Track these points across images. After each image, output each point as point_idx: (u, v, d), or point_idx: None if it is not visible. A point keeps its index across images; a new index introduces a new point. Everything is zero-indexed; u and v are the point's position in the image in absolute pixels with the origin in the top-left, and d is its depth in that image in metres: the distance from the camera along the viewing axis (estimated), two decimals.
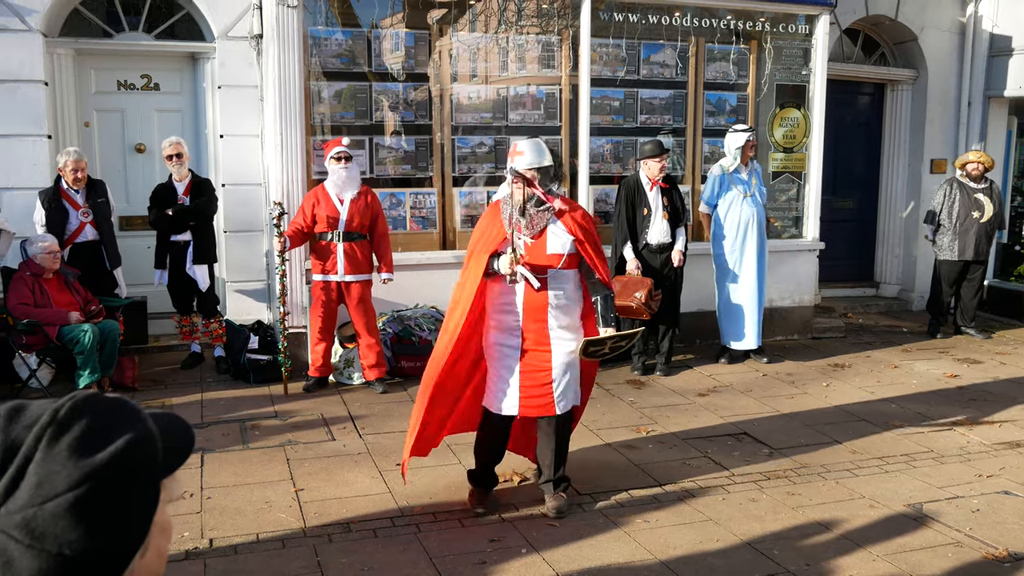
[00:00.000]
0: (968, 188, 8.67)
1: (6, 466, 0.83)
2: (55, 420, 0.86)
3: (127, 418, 0.91)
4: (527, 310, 4.36)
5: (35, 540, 0.80)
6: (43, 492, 0.81)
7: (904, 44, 10.23)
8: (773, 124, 8.58)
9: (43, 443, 0.84)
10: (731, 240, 7.51)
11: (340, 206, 6.42)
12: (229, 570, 3.86)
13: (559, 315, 4.39)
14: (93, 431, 0.86)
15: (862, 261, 10.73)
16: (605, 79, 8.01)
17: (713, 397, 6.62)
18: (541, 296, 4.34)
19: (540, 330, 4.38)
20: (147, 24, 7.81)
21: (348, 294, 6.50)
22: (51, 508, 0.81)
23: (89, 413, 0.88)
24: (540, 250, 4.36)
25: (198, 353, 7.38)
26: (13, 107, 7.12)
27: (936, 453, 5.45)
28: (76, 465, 0.83)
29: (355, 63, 7.36)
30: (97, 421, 0.88)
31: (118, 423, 0.89)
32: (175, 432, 0.97)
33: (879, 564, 3.96)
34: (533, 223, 4.35)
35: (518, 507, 4.55)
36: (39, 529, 0.80)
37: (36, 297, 6.23)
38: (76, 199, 6.72)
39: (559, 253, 4.36)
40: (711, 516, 4.47)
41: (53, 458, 0.83)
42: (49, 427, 0.85)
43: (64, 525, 0.81)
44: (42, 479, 0.82)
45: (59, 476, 0.82)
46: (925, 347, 8.44)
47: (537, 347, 4.38)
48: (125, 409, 0.92)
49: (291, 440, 5.54)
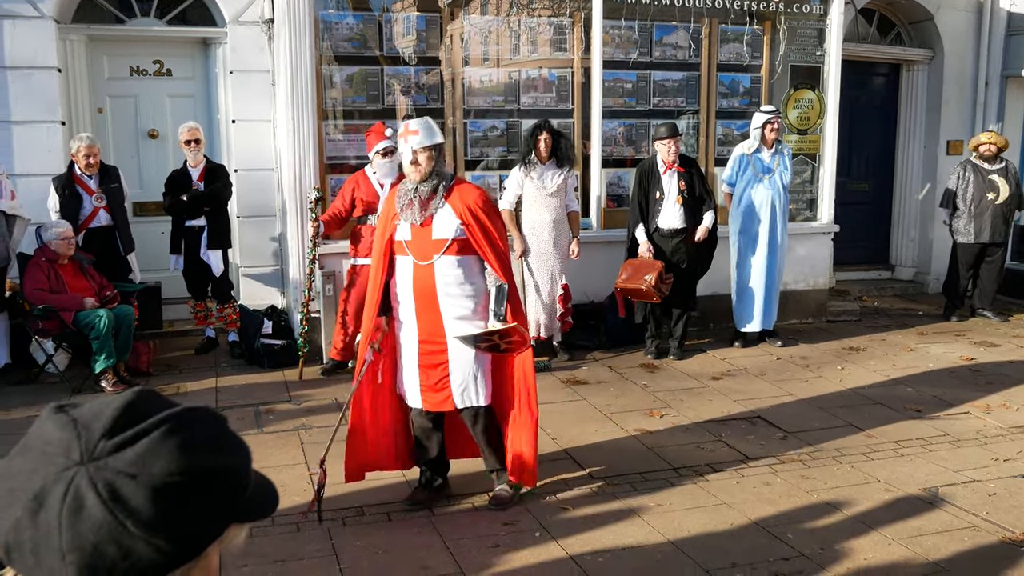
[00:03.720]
0: (982, 170, 8.58)
1: (127, 427, 0.88)
2: (186, 415, 0.91)
3: (242, 446, 0.96)
4: (418, 298, 4.20)
5: (112, 500, 0.83)
6: (142, 464, 0.85)
7: (920, 24, 10.11)
8: (787, 106, 8.50)
9: (166, 426, 0.88)
10: (746, 221, 7.47)
11: (380, 191, 6.44)
12: (245, 552, 3.87)
13: (452, 304, 4.19)
14: (212, 440, 0.92)
15: (877, 244, 10.65)
16: (617, 61, 7.96)
17: (727, 381, 6.60)
18: (429, 283, 4.17)
19: (434, 320, 4.21)
20: (159, 10, 7.81)
21: None
22: (140, 481, 0.84)
23: (217, 425, 0.95)
24: (426, 235, 4.17)
25: (212, 338, 7.42)
26: (27, 94, 7.14)
27: (952, 436, 5.42)
28: (180, 458, 0.87)
29: (367, 47, 7.34)
30: (221, 434, 0.94)
31: (235, 445, 0.95)
32: (265, 491, 1.01)
33: (894, 548, 3.95)
34: (425, 207, 4.18)
35: (532, 490, 4.55)
36: (120, 494, 0.84)
37: (51, 283, 6.26)
38: (89, 185, 6.74)
39: (444, 238, 4.15)
40: (725, 500, 4.47)
41: (167, 443, 0.87)
42: (177, 416, 0.90)
43: (141, 502, 0.84)
44: (147, 454, 0.86)
45: (163, 459, 0.86)
46: (941, 330, 8.39)
47: (432, 338, 4.23)
48: (243, 444, 0.97)
49: (305, 424, 5.57)
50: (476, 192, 4.28)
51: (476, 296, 4.25)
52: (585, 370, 6.85)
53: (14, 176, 6.94)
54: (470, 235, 4.17)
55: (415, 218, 4.17)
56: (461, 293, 4.21)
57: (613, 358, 7.22)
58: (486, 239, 4.19)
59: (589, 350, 7.36)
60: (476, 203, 4.20)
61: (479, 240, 4.18)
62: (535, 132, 6.84)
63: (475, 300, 4.25)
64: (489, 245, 4.19)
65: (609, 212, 8.04)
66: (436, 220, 4.17)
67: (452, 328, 4.20)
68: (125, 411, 0.89)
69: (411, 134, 4.15)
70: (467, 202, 4.19)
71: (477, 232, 4.17)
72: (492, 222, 4.26)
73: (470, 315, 4.23)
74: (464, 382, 4.24)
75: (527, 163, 6.86)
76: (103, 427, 0.87)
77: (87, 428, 0.87)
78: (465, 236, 4.18)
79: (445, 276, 4.18)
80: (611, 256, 7.43)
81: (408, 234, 4.19)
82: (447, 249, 4.16)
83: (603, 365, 7.02)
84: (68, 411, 0.90)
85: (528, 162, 6.85)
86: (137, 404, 0.91)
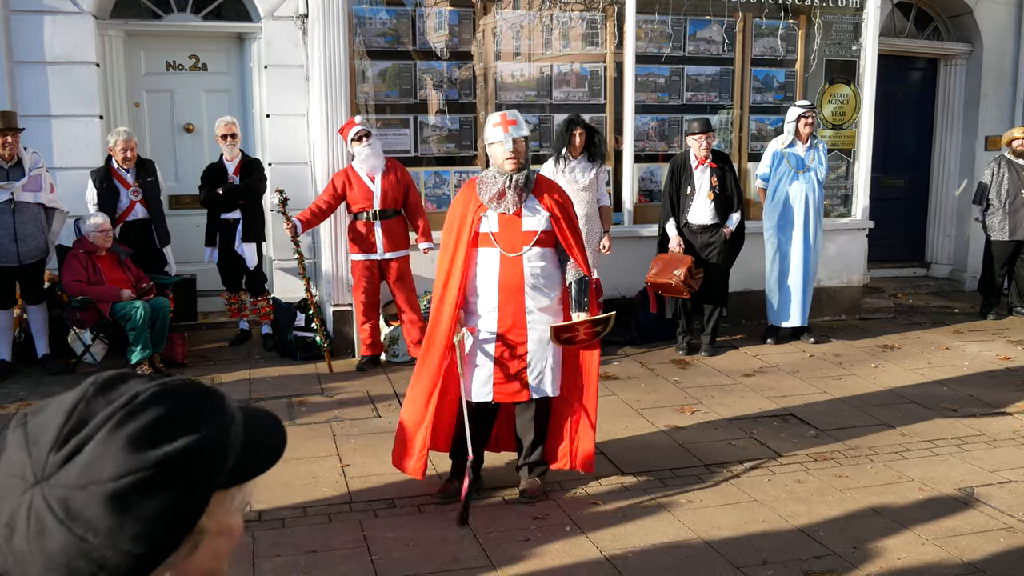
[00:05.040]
0: (1017, 166, 8.45)
1: (71, 437, 0.83)
2: (129, 404, 0.85)
3: (204, 416, 0.88)
4: (502, 291, 4.24)
5: (68, 517, 0.80)
6: (89, 474, 0.81)
7: (958, 17, 9.96)
8: (822, 100, 8.42)
9: (108, 425, 0.83)
10: (779, 217, 7.42)
11: (372, 184, 6.47)
12: (278, 542, 3.93)
13: (537, 296, 4.26)
14: (161, 425, 0.84)
15: (913, 240, 10.52)
16: (650, 56, 7.92)
17: (759, 378, 6.56)
18: (516, 276, 4.21)
19: (516, 312, 4.25)
20: (195, 5, 7.89)
21: (388, 271, 6.56)
22: (91, 492, 0.81)
23: (166, 404, 0.86)
24: (515, 227, 4.23)
25: (246, 330, 7.50)
26: (66, 88, 7.26)
27: (988, 436, 5.35)
28: (127, 456, 0.82)
29: (399, 42, 7.36)
30: (171, 414, 0.86)
31: (193, 421, 0.87)
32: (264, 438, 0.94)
33: (928, 548, 3.91)
34: (519, 197, 4.24)
35: (563, 485, 4.56)
36: (74, 509, 0.80)
37: (89, 274, 6.36)
38: (126, 178, 6.83)
39: (533, 230, 4.23)
40: (757, 497, 4.45)
41: (111, 443, 0.82)
42: (120, 411, 0.84)
43: (95, 512, 0.80)
44: (93, 461, 0.82)
45: (108, 463, 0.81)
46: (977, 328, 8.27)
47: (513, 330, 4.26)
48: (209, 407, 0.90)
49: (337, 416, 5.61)
50: (556, 185, 4.43)
51: (557, 288, 4.35)
52: (616, 365, 6.84)
53: (53, 169, 7.06)
54: (556, 227, 4.27)
55: (508, 207, 4.22)
56: (545, 285, 4.29)
57: (644, 353, 7.20)
58: (570, 231, 4.31)
59: (620, 345, 7.35)
60: (559, 196, 4.36)
61: (564, 232, 4.29)
62: (569, 127, 6.84)
63: (557, 292, 4.35)
64: (573, 237, 4.31)
65: (641, 207, 8.01)
66: (525, 212, 4.25)
67: (535, 320, 4.26)
68: (69, 418, 0.85)
69: (511, 124, 4.25)
70: (552, 194, 4.31)
71: (563, 224, 4.28)
72: (573, 215, 4.40)
73: (551, 307, 4.32)
74: (541, 373, 4.31)
75: (560, 157, 6.85)
76: (49, 441, 0.83)
77: (36, 444, 0.84)
78: (551, 228, 4.27)
79: (533, 268, 4.25)
80: (643, 251, 7.42)
81: (496, 226, 4.23)
82: (536, 241, 4.23)
83: (634, 360, 7.00)
84: (27, 424, 0.87)
85: (561, 156, 6.85)
86: (82, 404, 0.86)
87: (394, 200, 6.52)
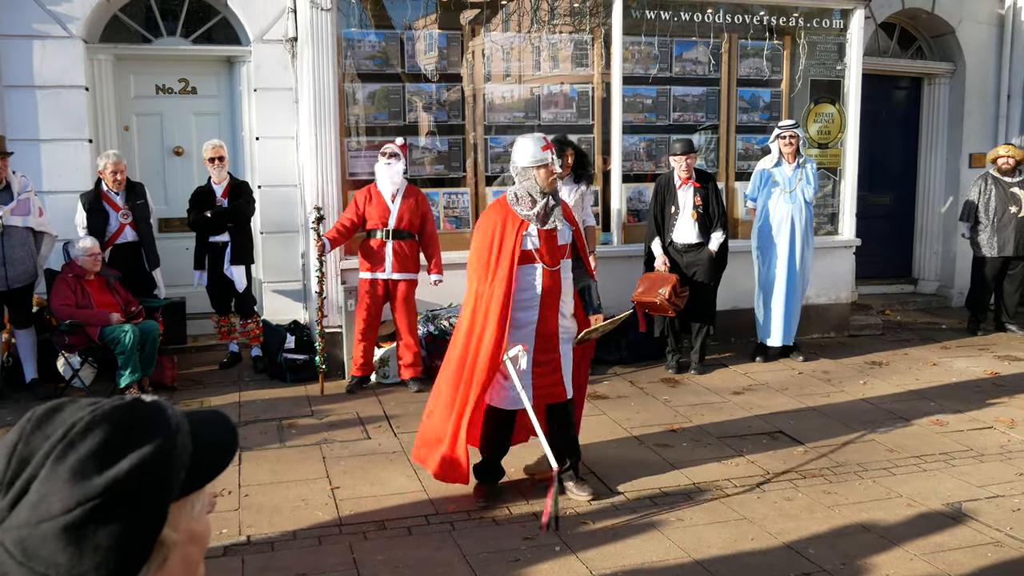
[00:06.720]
0: (1003, 183, 8.54)
1: (16, 479, 0.84)
2: (67, 436, 0.85)
3: (147, 433, 0.87)
4: (543, 303, 4.48)
5: (26, 558, 0.81)
6: (39, 512, 0.81)
7: (941, 37, 10.08)
8: (808, 120, 8.50)
9: (50, 460, 0.83)
10: (766, 236, 7.47)
11: (391, 203, 6.50)
12: (267, 566, 3.91)
13: (566, 304, 4.58)
14: (102, 450, 0.84)
15: (900, 257, 10.60)
16: (638, 77, 8.00)
17: (748, 395, 6.58)
18: (556, 287, 4.51)
19: (551, 319, 4.52)
20: (184, 29, 7.93)
21: (394, 293, 6.57)
22: (44, 529, 0.81)
23: (105, 429, 0.86)
24: (553, 241, 4.50)
25: (236, 353, 7.49)
26: (56, 112, 7.28)
27: (976, 451, 5.38)
28: (73, 488, 0.81)
29: (388, 64, 7.42)
30: (111, 438, 0.85)
31: (134, 440, 0.86)
32: (214, 440, 0.95)
33: (916, 563, 3.92)
34: (552, 214, 4.51)
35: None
36: (31, 549, 0.81)
37: (78, 298, 6.36)
38: (116, 201, 6.84)
39: (566, 243, 4.55)
40: (746, 515, 4.46)
41: (55, 477, 0.82)
42: (59, 444, 0.84)
43: (53, 548, 0.80)
44: (40, 499, 0.82)
45: (55, 498, 0.81)
46: (965, 344, 8.32)
47: (547, 337, 4.52)
48: (151, 422, 0.89)
49: (327, 439, 5.61)
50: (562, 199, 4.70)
51: (571, 293, 4.66)
52: (606, 384, 6.86)
53: (42, 193, 7.07)
54: (577, 238, 4.65)
55: (555, 223, 4.49)
56: (568, 292, 4.61)
57: (634, 372, 7.22)
58: (582, 241, 4.71)
59: (610, 364, 7.37)
60: (568, 209, 4.67)
61: (581, 241, 4.69)
62: (561, 148, 6.88)
63: (572, 297, 4.66)
64: (585, 246, 4.67)
65: (629, 227, 8.06)
66: (558, 227, 4.52)
67: (565, 326, 4.58)
68: (10, 460, 0.85)
69: (551, 147, 4.50)
70: (567, 210, 4.63)
71: (579, 235, 4.68)
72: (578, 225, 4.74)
73: (570, 313, 4.64)
74: (568, 375, 4.60)
75: None
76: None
77: None
78: (572, 240, 4.62)
79: (567, 279, 4.59)
80: (631, 270, 7.45)
81: (538, 242, 4.46)
82: (567, 253, 4.58)
83: (624, 380, 7.02)
84: None
85: None
86: (21, 444, 0.86)
87: (409, 223, 6.55)
